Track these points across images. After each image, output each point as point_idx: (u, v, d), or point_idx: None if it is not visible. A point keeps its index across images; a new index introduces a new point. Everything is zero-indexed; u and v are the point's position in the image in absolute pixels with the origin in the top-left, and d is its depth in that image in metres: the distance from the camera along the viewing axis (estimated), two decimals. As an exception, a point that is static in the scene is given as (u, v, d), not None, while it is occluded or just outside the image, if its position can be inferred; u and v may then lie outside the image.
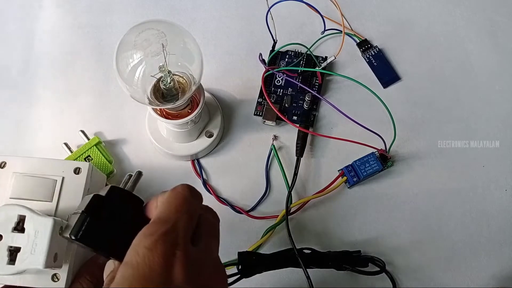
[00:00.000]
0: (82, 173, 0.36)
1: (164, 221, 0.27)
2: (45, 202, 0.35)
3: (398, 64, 0.49)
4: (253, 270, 0.39)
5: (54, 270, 0.34)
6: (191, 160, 0.46)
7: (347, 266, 0.40)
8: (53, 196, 0.35)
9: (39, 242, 0.31)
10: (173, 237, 0.26)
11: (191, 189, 0.29)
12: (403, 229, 0.44)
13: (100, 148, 0.44)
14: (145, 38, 0.35)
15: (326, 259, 0.40)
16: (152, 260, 0.25)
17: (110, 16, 0.52)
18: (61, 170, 0.36)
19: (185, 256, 0.26)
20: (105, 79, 0.49)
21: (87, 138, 0.44)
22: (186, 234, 0.27)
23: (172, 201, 0.28)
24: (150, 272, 0.25)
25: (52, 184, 0.35)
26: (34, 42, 0.50)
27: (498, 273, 0.43)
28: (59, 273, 0.34)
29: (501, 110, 0.48)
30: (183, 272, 0.26)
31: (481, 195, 0.45)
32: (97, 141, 0.44)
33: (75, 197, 0.36)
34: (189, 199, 0.29)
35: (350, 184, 0.44)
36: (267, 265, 0.40)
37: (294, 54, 0.49)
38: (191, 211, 0.29)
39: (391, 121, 0.41)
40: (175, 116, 0.41)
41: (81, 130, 0.44)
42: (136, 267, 0.25)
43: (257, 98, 0.48)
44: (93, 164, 0.38)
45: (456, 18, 0.51)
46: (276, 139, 0.46)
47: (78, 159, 0.43)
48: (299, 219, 0.44)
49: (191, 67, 0.38)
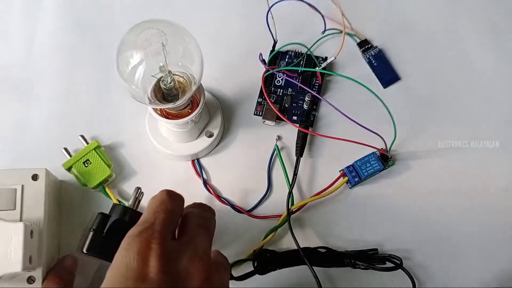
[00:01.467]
0: (40, 178, 0.38)
1: (142, 223, 0.29)
2: (9, 211, 0.36)
3: (398, 64, 0.49)
4: (268, 267, 0.40)
5: (29, 272, 0.35)
6: (191, 160, 0.46)
7: (364, 264, 0.40)
8: (15, 204, 0.37)
9: (14, 247, 0.33)
10: (149, 233, 0.28)
11: (168, 192, 0.31)
12: (403, 228, 0.44)
13: (99, 152, 0.44)
14: (145, 38, 0.35)
15: (342, 257, 0.41)
16: (128, 258, 0.27)
17: (110, 16, 0.52)
18: (18, 178, 0.38)
19: (160, 249, 0.27)
20: (105, 79, 0.49)
21: (86, 142, 0.44)
22: (162, 229, 0.28)
23: (151, 205, 0.30)
24: (126, 270, 0.26)
25: (12, 193, 0.37)
26: (34, 42, 0.50)
27: (498, 273, 0.43)
28: (33, 275, 0.36)
29: (501, 110, 0.48)
30: (157, 263, 0.26)
31: (481, 195, 0.45)
32: (96, 145, 0.44)
33: (37, 202, 0.37)
34: (166, 200, 0.30)
35: (352, 185, 0.44)
36: (281, 263, 0.40)
37: (294, 54, 0.49)
38: (169, 210, 0.30)
39: (391, 121, 0.42)
40: (175, 116, 0.41)
41: (81, 135, 0.44)
42: (115, 267, 0.27)
43: (257, 98, 0.48)
44: (91, 168, 0.42)
45: (456, 18, 0.51)
46: (279, 140, 0.46)
47: (77, 163, 0.43)
48: (301, 220, 0.44)
49: (191, 67, 0.38)
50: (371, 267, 0.40)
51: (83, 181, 0.42)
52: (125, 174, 0.45)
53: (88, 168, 0.43)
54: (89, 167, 0.43)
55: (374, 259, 0.41)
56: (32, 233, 0.35)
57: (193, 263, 0.28)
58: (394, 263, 0.40)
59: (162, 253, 0.27)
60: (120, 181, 0.45)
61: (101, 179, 0.42)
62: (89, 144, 0.44)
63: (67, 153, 0.44)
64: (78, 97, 0.48)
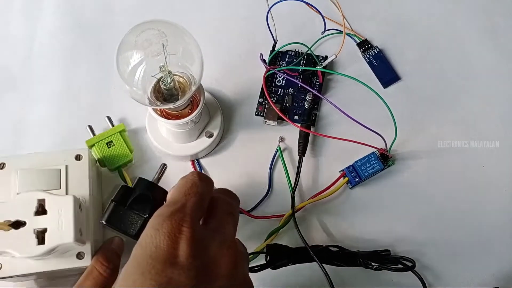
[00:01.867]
0: (83, 158, 0.39)
1: (172, 203, 0.28)
2: (55, 190, 0.37)
3: (398, 64, 0.49)
4: (280, 261, 0.40)
5: (79, 247, 0.36)
6: (191, 160, 0.46)
7: (377, 264, 0.40)
8: (60, 183, 0.37)
9: (64, 219, 0.33)
10: (180, 216, 0.27)
11: (199, 174, 0.31)
12: (403, 228, 0.44)
13: (124, 136, 0.44)
14: (146, 38, 0.35)
15: (355, 257, 0.41)
16: (158, 238, 0.26)
17: (110, 16, 0.52)
18: (62, 159, 0.38)
19: (191, 233, 0.27)
20: (105, 79, 0.49)
21: (112, 124, 0.45)
22: (193, 213, 0.28)
23: (182, 186, 0.30)
24: (156, 250, 0.26)
25: (57, 173, 0.38)
26: (34, 42, 0.50)
27: (498, 273, 0.43)
28: (83, 251, 0.36)
29: (501, 110, 0.48)
30: (188, 248, 0.26)
31: (481, 195, 0.45)
32: (122, 128, 0.44)
33: (81, 181, 0.38)
34: (197, 183, 0.30)
35: (352, 185, 0.44)
36: (294, 258, 0.40)
37: (295, 54, 0.49)
38: (200, 193, 0.29)
39: (391, 121, 0.41)
40: (175, 116, 0.41)
41: (107, 116, 0.45)
42: (144, 246, 0.26)
43: (258, 98, 0.48)
44: (113, 150, 0.42)
45: (456, 18, 0.51)
46: (282, 141, 0.46)
47: (101, 142, 0.43)
48: (301, 220, 0.44)
49: (191, 67, 0.38)
50: (384, 267, 0.40)
51: (103, 161, 0.43)
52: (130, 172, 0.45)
53: (111, 149, 0.43)
54: (111, 148, 0.43)
55: (387, 260, 0.41)
56: (81, 206, 0.35)
57: (221, 251, 0.28)
58: (405, 265, 0.40)
59: (192, 238, 0.27)
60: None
61: (122, 162, 0.43)
62: (115, 126, 0.44)
63: (91, 131, 0.44)
64: (78, 98, 0.48)
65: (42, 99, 0.48)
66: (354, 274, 0.42)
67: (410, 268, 0.40)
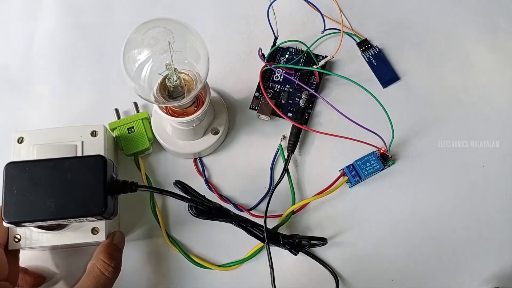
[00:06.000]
0: (99, 135, 0.40)
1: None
2: None
3: (398, 64, 0.49)
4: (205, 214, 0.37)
5: (93, 223, 0.37)
6: (193, 158, 0.46)
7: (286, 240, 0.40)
8: None
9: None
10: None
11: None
12: (403, 228, 0.44)
13: (145, 124, 0.44)
14: (152, 36, 0.35)
15: (278, 235, 0.40)
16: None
17: (110, 16, 0.52)
18: (79, 135, 0.40)
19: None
20: (105, 79, 0.49)
21: (137, 110, 0.45)
22: None
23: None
24: None
25: (74, 148, 0.39)
26: (34, 42, 0.50)
27: (498, 273, 0.43)
28: (97, 226, 0.38)
29: (501, 110, 0.48)
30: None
31: (481, 195, 0.45)
32: (145, 116, 0.45)
33: None
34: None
35: (352, 184, 0.44)
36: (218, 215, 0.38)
37: (295, 51, 0.49)
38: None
39: (388, 121, 0.41)
40: (181, 114, 0.40)
41: (134, 102, 0.46)
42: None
43: (254, 92, 0.47)
44: (132, 136, 0.43)
45: (456, 18, 0.51)
46: (284, 139, 0.46)
47: (123, 127, 0.44)
48: (301, 219, 0.44)
49: (197, 65, 0.38)
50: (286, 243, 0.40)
51: (121, 145, 0.43)
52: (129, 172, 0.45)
53: (131, 135, 0.44)
54: (131, 134, 0.44)
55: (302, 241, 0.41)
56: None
57: None
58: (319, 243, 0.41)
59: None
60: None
61: (138, 149, 0.43)
62: (139, 113, 0.45)
63: (117, 114, 0.45)
64: (78, 98, 0.48)
65: (42, 99, 0.48)
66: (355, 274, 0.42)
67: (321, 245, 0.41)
